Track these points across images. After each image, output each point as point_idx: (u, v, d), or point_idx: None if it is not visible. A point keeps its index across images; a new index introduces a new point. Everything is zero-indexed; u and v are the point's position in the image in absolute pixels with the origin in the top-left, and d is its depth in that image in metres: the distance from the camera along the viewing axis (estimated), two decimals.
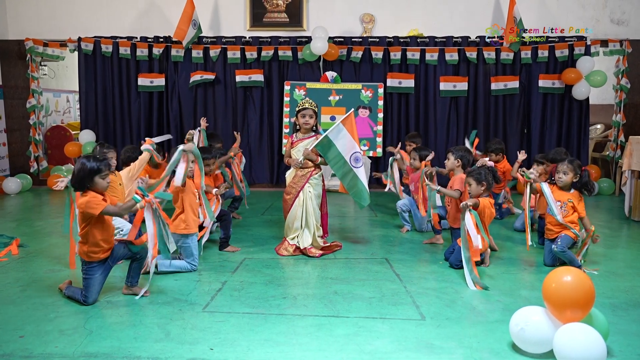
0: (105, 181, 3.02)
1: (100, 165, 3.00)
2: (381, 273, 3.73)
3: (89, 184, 2.98)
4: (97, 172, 2.97)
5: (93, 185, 2.98)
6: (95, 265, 3.05)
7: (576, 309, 2.32)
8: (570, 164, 3.96)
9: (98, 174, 2.98)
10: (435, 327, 2.77)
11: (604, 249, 4.43)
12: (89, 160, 2.99)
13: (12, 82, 7.82)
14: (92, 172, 2.96)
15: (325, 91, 7.24)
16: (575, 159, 4.11)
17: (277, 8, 7.55)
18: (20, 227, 5.14)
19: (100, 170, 2.99)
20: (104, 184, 3.02)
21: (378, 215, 5.86)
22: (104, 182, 3.01)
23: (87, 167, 2.96)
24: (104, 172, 3.00)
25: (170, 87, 7.53)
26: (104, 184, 3.02)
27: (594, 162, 8.17)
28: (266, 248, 4.39)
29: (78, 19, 7.65)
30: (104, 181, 3.01)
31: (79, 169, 2.98)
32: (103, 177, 3.01)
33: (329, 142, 4.13)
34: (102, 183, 3.01)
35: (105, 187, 3.04)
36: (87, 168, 2.96)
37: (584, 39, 7.26)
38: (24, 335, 2.63)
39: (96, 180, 2.98)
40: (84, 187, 2.99)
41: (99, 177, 2.99)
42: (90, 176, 2.96)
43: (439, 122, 7.46)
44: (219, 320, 2.84)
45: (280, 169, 7.62)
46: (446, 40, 7.37)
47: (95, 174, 2.97)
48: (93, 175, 2.96)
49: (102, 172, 3.00)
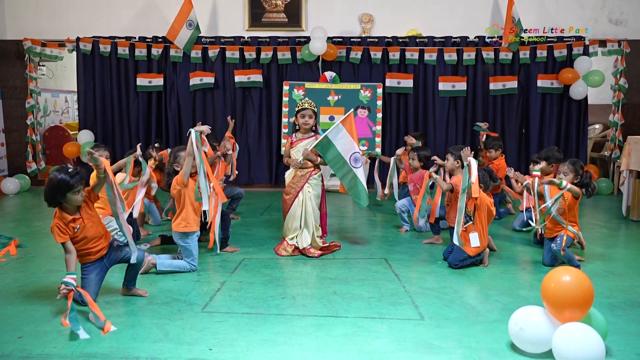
0: (79, 196, 2.86)
1: (72, 180, 2.79)
2: (380, 273, 3.73)
3: (61, 199, 2.84)
4: (69, 189, 2.80)
5: (66, 201, 2.84)
6: (89, 265, 3.03)
7: (575, 308, 2.33)
8: (572, 164, 3.96)
9: (70, 190, 2.81)
10: (434, 327, 2.77)
11: (603, 249, 4.43)
12: (60, 174, 2.80)
13: (10, 82, 7.81)
14: (62, 187, 2.79)
15: (324, 91, 7.24)
16: (578, 160, 4.10)
17: (276, 8, 7.55)
18: (18, 228, 5.13)
19: (72, 186, 2.80)
20: (78, 199, 2.86)
21: (377, 215, 5.87)
22: (77, 197, 2.85)
23: (57, 182, 2.78)
24: (76, 188, 2.82)
25: (169, 87, 7.53)
26: (78, 199, 2.86)
27: (593, 161, 8.18)
28: (265, 248, 4.39)
29: (76, 19, 7.64)
30: (77, 196, 2.85)
31: (50, 183, 2.80)
32: (76, 193, 2.83)
33: (329, 142, 4.14)
34: (74, 199, 2.85)
35: (79, 202, 2.89)
36: (57, 183, 2.78)
37: (583, 39, 7.27)
38: (23, 336, 2.62)
39: (68, 196, 2.82)
40: (56, 202, 2.85)
41: (71, 193, 2.82)
42: (61, 192, 2.80)
43: (437, 122, 7.47)
44: (218, 321, 2.84)
45: (279, 169, 7.62)
46: (445, 40, 7.38)
47: (66, 190, 2.80)
48: (65, 191, 2.80)
49: (75, 187, 2.81)
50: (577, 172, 3.93)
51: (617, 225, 5.43)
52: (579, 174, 3.93)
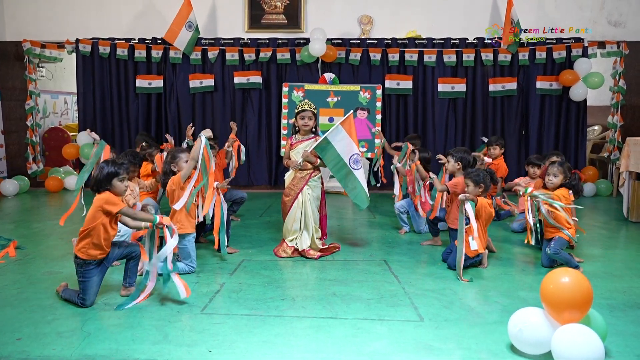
0: (123, 184, 3.08)
1: (119, 168, 3.06)
2: (380, 274, 3.73)
3: (107, 187, 3.04)
4: (115, 175, 3.03)
5: (111, 188, 3.05)
6: (92, 268, 3.04)
7: (574, 310, 2.32)
8: (561, 166, 3.99)
9: (116, 176, 3.03)
10: (434, 329, 2.77)
11: (602, 250, 4.43)
12: (108, 165, 3.06)
13: (9, 84, 7.81)
14: (110, 174, 3.02)
15: (323, 93, 7.24)
16: (565, 161, 4.16)
17: (275, 10, 7.56)
18: (17, 229, 5.13)
19: (118, 173, 3.04)
20: (122, 187, 3.08)
21: (376, 216, 5.86)
22: (122, 185, 3.07)
23: (105, 170, 3.03)
24: (121, 175, 3.06)
25: (168, 88, 7.53)
26: (122, 187, 3.08)
27: (592, 163, 8.18)
28: (265, 250, 4.39)
29: (76, 21, 7.65)
30: (122, 184, 3.07)
31: (98, 172, 3.05)
32: (121, 180, 3.06)
33: (328, 143, 4.13)
34: (120, 186, 3.06)
35: (122, 191, 3.10)
36: (106, 171, 3.03)
37: (582, 41, 7.28)
38: (22, 338, 2.62)
39: (114, 183, 3.04)
40: (102, 189, 3.05)
41: (117, 179, 3.04)
42: (108, 178, 3.02)
43: (437, 123, 7.47)
44: (217, 322, 2.84)
45: (278, 170, 7.62)
46: (444, 41, 7.39)
47: (113, 176, 3.03)
48: (111, 178, 3.02)
49: (120, 175, 3.05)
50: (566, 174, 3.99)
51: (616, 226, 5.43)
52: (567, 176, 3.99)
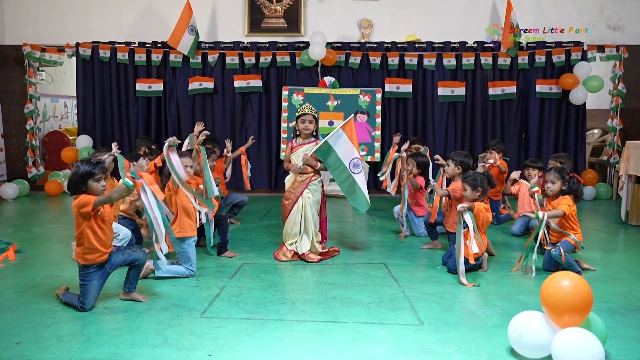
0: (100, 184, 3.01)
1: (94, 169, 2.99)
2: (379, 278, 3.72)
3: (83, 188, 2.98)
4: (90, 176, 2.97)
5: (87, 189, 2.98)
6: (92, 271, 3.03)
7: (574, 313, 2.32)
8: (557, 172, 3.97)
9: (91, 177, 2.97)
10: (434, 333, 2.77)
11: (602, 254, 4.43)
12: (83, 164, 3.00)
13: (9, 88, 7.82)
14: (84, 175, 2.96)
15: (323, 96, 7.25)
16: (562, 167, 4.13)
17: (275, 14, 7.58)
18: (17, 233, 5.13)
19: (93, 173, 2.97)
20: (99, 187, 3.00)
21: (376, 220, 5.86)
22: (98, 185, 3.00)
23: (80, 171, 2.97)
24: (97, 176, 2.98)
25: (168, 92, 7.54)
26: (99, 187, 3.00)
27: (592, 166, 8.19)
28: (264, 253, 4.39)
29: (76, 24, 7.66)
30: (98, 184, 3.00)
31: (73, 173, 2.99)
32: (97, 181, 2.99)
33: (329, 147, 4.13)
34: (96, 187, 2.99)
35: (99, 192, 3.01)
36: (80, 172, 2.96)
37: (581, 45, 7.30)
38: (21, 342, 2.62)
39: (90, 184, 2.97)
40: (79, 190, 3.00)
41: (92, 180, 2.97)
42: (83, 179, 2.96)
43: (437, 127, 7.48)
44: (217, 326, 2.83)
45: (278, 173, 7.63)
46: (444, 45, 7.41)
47: (88, 177, 2.96)
48: (86, 178, 2.96)
49: (95, 175, 2.98)
50: (564, 179, 3.95)
51: (616, 230, 5.43)
52: (565, 180, 3.94)
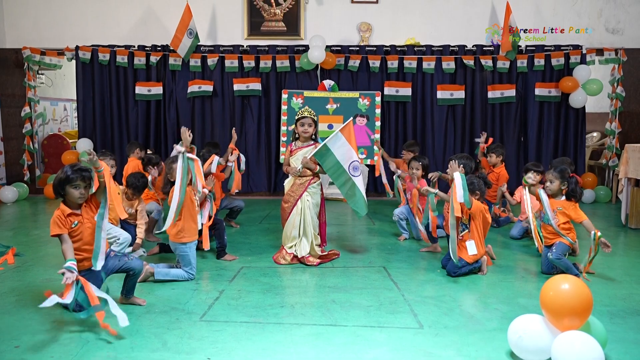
0: (77, 191, 2.90)
1: (73, 174, 2.87)
2: (379, 281, 3.72)
3: (62, 192, 2.92)
4: (68, 182, 2.88)
5: (65, 194, 2.92)
6: (83, 275, 3.00)
7: (574, 317, 2.32)
8: (556, 171, 3.97)
9: (68, 183, 2.88)
10: (433, 336, 2.76)
11: (601, 257, 4.42)
12: (66, 169, 2.91)
13: (9, 91, 7.83)
14: (62, 180, 2.88)
15: (322, 99, 7.26)
16: (563, 167, 4.11)
17: (275, 17, 7.59)
18: (16, 236, 5.12)
19: (71, 179, 2.87)
20: (76, 194, 2.90)
21: (376, 223, 5.86)
22: (75, 192, 2.89)
23: (60, 175, 2.90)
24: (75, 182, 2.88)
25: (167, 95, 7.55)
26: (76, 194, 2.90)
27: (591, 169, 8.19)
28: (264, 257, 4.38)
29: (76, 28, 7.68)
30: (75, 191, 2.89)
31: (56, 176, 2.94)
32: (74, 187, 2.89)
33: (328, 150, 4.13)
34: (73, 193, 2.90)
35: (76, 198, 2.91)
36: (60, 176, 2.89)
37: (580, 48, 7.32)
38: (20, 345, 2.61)
39: (67, 189, 2.89)
40: (59, 194, 2.94)
41: (70, 186, 2.88)
42: (61, 184, 2.89)
43: (436, 130, 7.49)
44: (217, 330, 2.83)
45: (278, 177, 7.63)
46: (443, 48, 7.42)
47: (66, 182, 2.88)
48: (64, 183, 2.88)
49: (73, 182, 2.88)
50: (564, 178, 3.93)
51: (615, 233, 5.43)
52: (565, 180, 3.93)
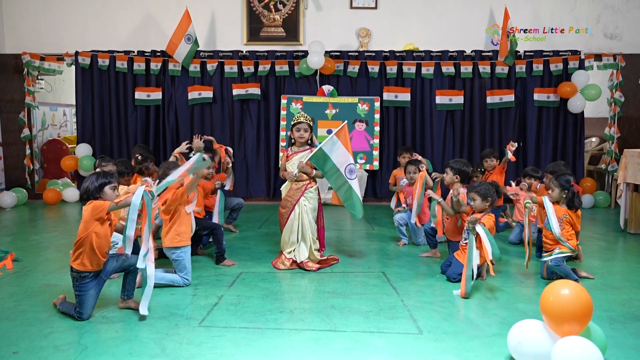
0: (114, 192, 3.14)
1: (111, 177, 3.14)
2: (378, 287, 3.72)
3: (98, 195, 3.08)
4: (107, 184, 3.10)
5: (102, 197, 3.09)
6: (88, 281, 3.02)
7: (574, 322, 2.32)
8: (556, 179, 3.94)
9: (108, 185, 3.10)
10: (433, 341, 2.76)
11: (601, 262, 4.43)
12: (100, 175, 3.13)
13: (8, 96, 7.83)
14: (102, 184, 3.08)
15: (321, 105, 7.27)
16: (563, 175, 4.03)
17: (274, 23, 7.61)
18: (15, 242, 5.11)
19: (110, 181, 3.11)
20: (113, 195, 3.13)
21: (375, 228, 5.86)
22: (113, 193, 3.13)
23: (98, 179, 3.09)
24: (113, 184, 3.12)
25: (167, 100, 7.56)
26: (113, 195, 3.13)
27: (590, 174, 8.21)
28: (263, 262, 4.38)
29: (75, 33, 7.69)
30: (113, 192, 3.13)
31: (90, 182, 3.09)
32: (112, 189, 3.12)
33: (324, 154, 4.13)
34: (111, 194, 3.12)
35: (113, 199, 3.12)
36: (99, 180, 3.08)
37: (578, 53, 7.35)
38: (18, 351, 2.60)
39: (106, 190, 3.09)
40: (93, 198, 3.07)
41: (109, 187, 3.10)
42: (101, 187, 3.08)
43: (435, 135, 7.50)
44: (216, 335, 2.82)
45: (277, 182, 7.62)
46: (442, 54, 7.44)
47: (105, 185, 3.09)
48: (103, 186, 3.08)
49: (112, 183, 3.12)
50: (563, 187, 3.89)
51: (614, 238, 5.43)
52: (565, 188, 3.89)
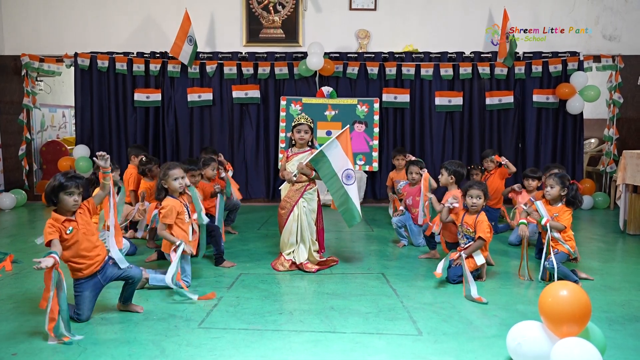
0: (71, 198, 2.88)
1: (67, 182, 2.86)
2: (378, 288, 3.71)
3: (54, 200, 2.89)
4: (62, 188, 2.86)
5: (58, 202, 2.89)
6: (83, 282, 2.99)
7: (573, 323, 2.32)
8: (557, 177, 3.97)
9: (63, 190, 2.86)
10: (432, 343, 2.76)
11: (600, 263, 4.43)
12: (61, 176, 2.89)
13: (7, 98, 7.83)
14: (56, 187, 2.86)
15: (321, 106, 7.28)
16: (562, 172, 4.11)
17: (273, 24, 7.62)
18: (14, 243, 5.10)
19: (66, 186, 2.86)
20: (70, 201, 2.88)
21: (374, 230, 5.86)
22: (69, 199, 2.88)
23: (54, 182, 2.87)
24: (69, 189, 2.87)
25: (166, 102, 7.56)
26: (70, 201, 2.88)
27: (589, 176, 8.21)
28: (262, 263, 4.37)
29: (74, 35, 7.69)
30: (69, 198, 2.88)
31: (48, 183, 2.90)
32: (68, 194, 2.87)
33: (323, 156, 4.11)
34: (67, 200, 2.88)
35: (70, 206, 2.89)
36: (54, 183, 2.87)
37: (577, 55, 7.36)
38: (17, 353, 2.60)
39: (61, 196, 2.87)
40: (51, 202, 2.91)
41: (64, 193, 2.86)
42: (55, 191, 2.86)
43: (434, 136, 7.51)
44: (215, 337, 2.82)
45: (276, 183, 7.62)
46: (441, 55, 7.45)
47: (60, 189, 2.86)
48: (58, 190, 2.86)
49: (68, 188, 2.86)
50: (564, 185, 3.94)
51: (614, 239, 5.44)
52: (565, 186, 3.94)
